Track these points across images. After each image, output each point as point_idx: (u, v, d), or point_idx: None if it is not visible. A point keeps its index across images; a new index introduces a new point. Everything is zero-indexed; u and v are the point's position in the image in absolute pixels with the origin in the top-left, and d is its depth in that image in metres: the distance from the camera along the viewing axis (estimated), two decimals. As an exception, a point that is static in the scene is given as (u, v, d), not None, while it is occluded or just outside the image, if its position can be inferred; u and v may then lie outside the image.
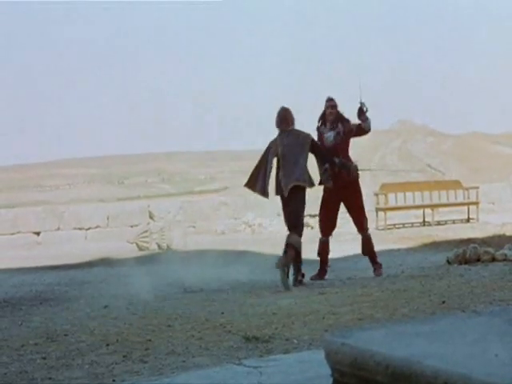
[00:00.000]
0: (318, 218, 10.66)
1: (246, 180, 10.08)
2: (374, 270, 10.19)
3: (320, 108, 10.34)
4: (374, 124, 10.21)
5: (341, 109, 10.30)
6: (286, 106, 10.01)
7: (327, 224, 10.31)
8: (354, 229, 10.61)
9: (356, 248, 11.01)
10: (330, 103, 10.25)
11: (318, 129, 10.27)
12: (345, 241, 14.83)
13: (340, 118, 10.18)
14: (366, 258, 10.47)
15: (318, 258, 10.28)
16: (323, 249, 10.28)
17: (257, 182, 9.88)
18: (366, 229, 10.38)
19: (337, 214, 10.31)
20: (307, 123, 10.36)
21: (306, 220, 11.73)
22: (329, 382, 2.88)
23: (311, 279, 9.96)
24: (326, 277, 10.14)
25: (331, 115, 10.16)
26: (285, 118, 9.84)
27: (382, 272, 10.08)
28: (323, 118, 10.25)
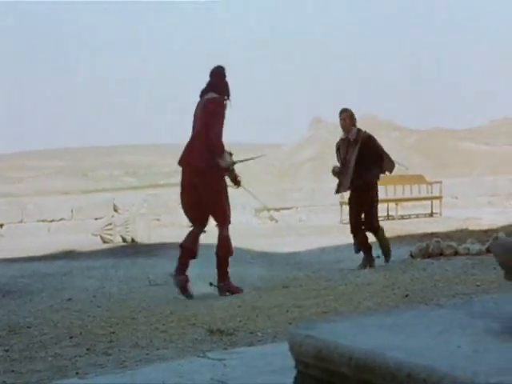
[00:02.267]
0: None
1: None
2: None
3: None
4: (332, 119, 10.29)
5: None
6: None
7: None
8: (319, 222, 10.64)
9: (320, 241, 11.05)
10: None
11: None
12: (309, 234, 14.89)
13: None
14: (331, 252, 10.52)
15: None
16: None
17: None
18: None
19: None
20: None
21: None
22: (293, 374, 2.89)
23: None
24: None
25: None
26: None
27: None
28: None
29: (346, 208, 18.29)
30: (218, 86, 8.47)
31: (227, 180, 8.60)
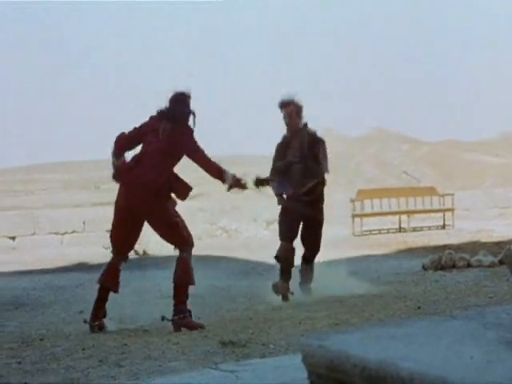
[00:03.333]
0: None
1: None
2: None
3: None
4: (350, 131, 10.12)
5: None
6: None
7: None
8: (331, 234, 10.55)
9: (332, 253, 11.04)
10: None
11: None
12: (321, 246, 14.86)
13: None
14: (343, 264, 10.49)
15: None
16: None
17: None
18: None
19: None
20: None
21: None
22: (305, 386, 2.90)
23: None
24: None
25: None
26: None
27: None
28: None
29: (358, 220, 18.40)
30: (176, 114, 7.45)
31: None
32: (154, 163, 7.30)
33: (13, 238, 17.48)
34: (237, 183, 7.59)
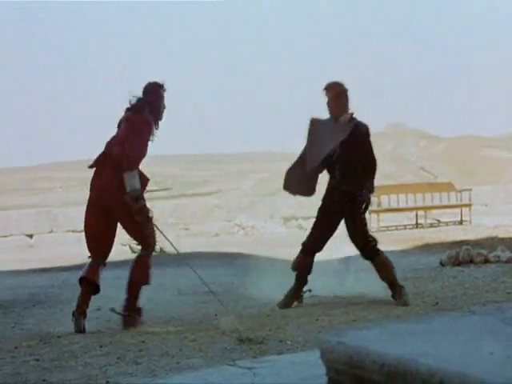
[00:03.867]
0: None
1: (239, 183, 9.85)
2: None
3: None
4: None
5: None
6: None
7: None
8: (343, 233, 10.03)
9: (349, 250, 11.00)
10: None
11: None
12: (337, 242, 14.82)
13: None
14: (360, 261, 10.46)
15: None
16: None
17: None
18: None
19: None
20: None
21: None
22: (323, 383, 2.88)
23: None
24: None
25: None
26: None
27: None
28: None
29: (375, 216, 18.34)
30: (149, 104, 7.19)
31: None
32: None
33: (30, 236, 17.56)
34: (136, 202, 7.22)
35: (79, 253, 15.23)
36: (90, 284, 7.31)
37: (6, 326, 7.54)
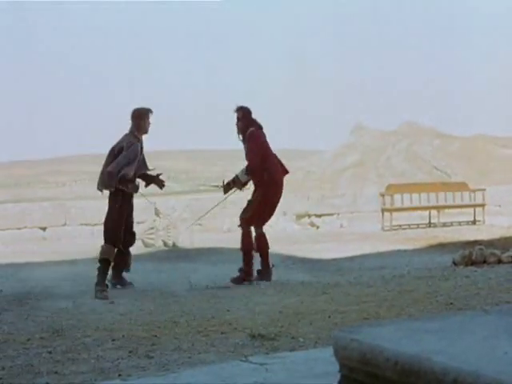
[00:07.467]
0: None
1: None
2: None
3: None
4: (381, 125, 10.03)
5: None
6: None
7: None
8: (360, 228, 10.44)
9: (362, 247, 11.00)
10: (236, 114, 10.02)
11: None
12: (350, 240, 14.83)
13: (244, 132, 10.01)
14: (373, 258, 10.46)
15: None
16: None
17: None
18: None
19: None
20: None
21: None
22: (336, 380, 2.88)
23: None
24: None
25: (236, 127, 10.06)
26: None
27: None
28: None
29: (388, 215, 18.32)
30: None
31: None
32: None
33: (44, 229, 17.61)
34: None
35: (92, 246, 15.29)
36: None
37: (19, 317, 7.56)
